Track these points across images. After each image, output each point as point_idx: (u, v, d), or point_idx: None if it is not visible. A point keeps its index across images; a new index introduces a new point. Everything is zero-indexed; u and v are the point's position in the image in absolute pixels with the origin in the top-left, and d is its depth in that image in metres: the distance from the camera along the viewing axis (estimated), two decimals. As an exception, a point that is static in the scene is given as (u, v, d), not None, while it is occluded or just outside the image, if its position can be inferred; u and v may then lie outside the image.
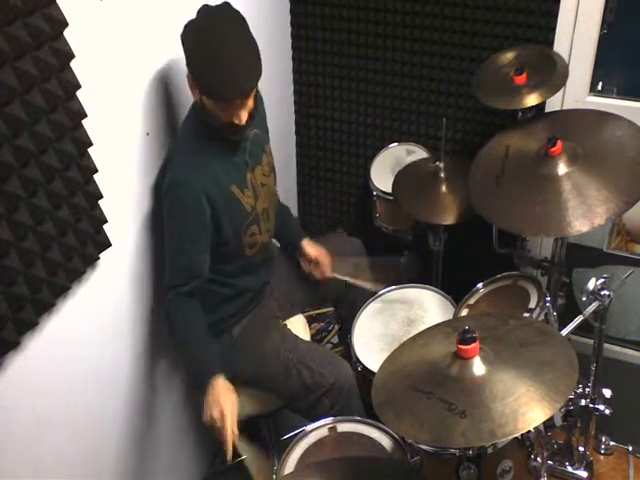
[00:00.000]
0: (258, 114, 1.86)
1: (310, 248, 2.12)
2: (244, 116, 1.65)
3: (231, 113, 1.64)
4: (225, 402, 1.66)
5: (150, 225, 1.85)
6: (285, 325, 2.08)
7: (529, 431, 1.37)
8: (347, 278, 2.15)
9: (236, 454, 1.66)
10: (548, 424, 1.69)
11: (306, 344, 2.02)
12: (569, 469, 1.97)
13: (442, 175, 2.17)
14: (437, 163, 2.18)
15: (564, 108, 2.22)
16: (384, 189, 2.35)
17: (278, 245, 2.19)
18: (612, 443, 2.09)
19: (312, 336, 2.32)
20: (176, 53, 1.75)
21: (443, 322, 1.61)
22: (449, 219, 2.11)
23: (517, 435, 1.22)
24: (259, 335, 1.95)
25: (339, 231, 2.91)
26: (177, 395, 2.14)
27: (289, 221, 2.20)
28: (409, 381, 1.35)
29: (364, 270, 2.24)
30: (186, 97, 1.89)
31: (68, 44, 1.38)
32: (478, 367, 1.27)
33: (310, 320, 2.40)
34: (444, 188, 2.17)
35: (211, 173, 1.71)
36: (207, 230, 1.73)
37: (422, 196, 2.18)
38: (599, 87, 2.21)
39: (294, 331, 2.05)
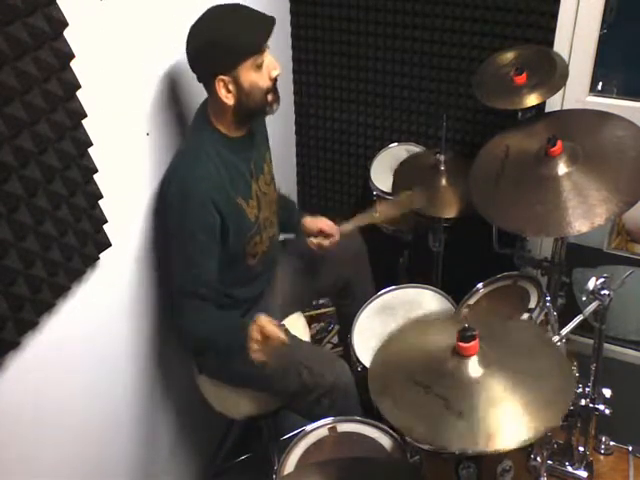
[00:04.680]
0: (257, 122, 1.86)
1: (311, 223, 2.11)
2: (277, 64, 1.72)
3: (268, 67, 1.69)
4: (256, 326, 1.68)
5: (150, 225, 1.85)
6: (283, 325, 2.07)
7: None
8: (355, 223, 2.11)
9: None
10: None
11: (305, 344, 2.02)
12: (569, 469, 1.97)
13: (442, 168, 2.17)
14: (437, 156, 2.18)
15: (564, 108, 2.22)
16: (384, 189, 2.35)
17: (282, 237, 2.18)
18: (612, 443, 2.08)
19: (312, 336, 2.32)
20: (176, 53, 1.76)
21: (441, 312, 1.60)
22: (449, 213, 2.11)
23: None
24: None
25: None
26: (178, 394, 2.14)
27: (286, 205, 2.20)
28: (407, 371, 1.34)
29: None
30: (186, 97, 1.90)
31: (68, 44, 1.38)
32: (475, 366, 1.27)
33: (310, 320, 2.41)
34: (444, 181, 2.17)
35: (220, 184, 1.71)
36: (216, 238, 1.74)
37: (422, 190, 2.17)
38: (599, 87, 2.21)
39: (294, 331, 2.05)
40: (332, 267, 2.18)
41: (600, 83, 2.20)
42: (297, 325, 2.16)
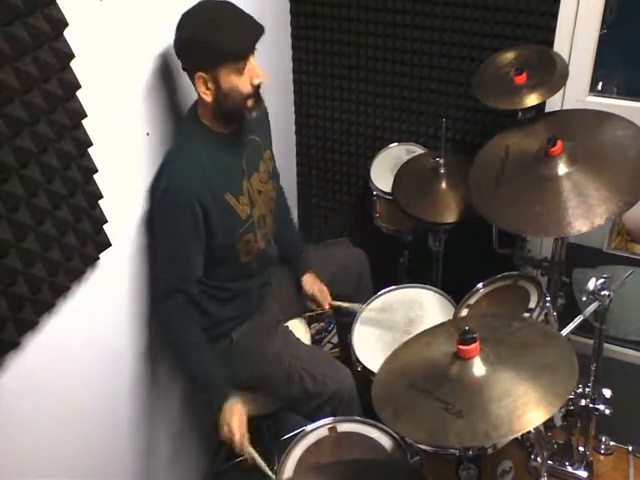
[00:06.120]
0: (256, 119, 1.86)
1: (310, 285, 2.12)
2: (262, 72, 1.69)
3: (251, 74, 1.67)
4: (232, 422, 1.77)
5: (150, 225, 1.85)
6: (287, 327, 2.07)
7: (529, 431, 1.37)
8: (345, 304, 2.14)
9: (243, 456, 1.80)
10: (548, 424, 1.69)
11: (308, 349, 2.01)
12: (569, 469, 1.97)
13: (442, 171, 2.17)
14: (437, 159, 2.18)
15: (564, 108, 2.22)
16: (384, 189, 2.35)
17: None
18: (612, 443, 2.09)
19: (312, 336, 2.32)
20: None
21: (446, 322, 1.61)
22: (449, 217, 2.10)
23: (514, 437, 1.22)
24: (260, 339, 1.95)
25: (343, 239, 2.90)
26: (178, 395, 2.14)
27: (293, 249, 2.19)
28: (409, 380, 1.35)
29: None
30: (186, 97, 1.90)
31: (68, 44, 1.38)
32: (478, 368, 1.27)
33: (310, 320, 2.41)
34: (444, 185, 2.17)
35: (206, 180, 1.71)
36: (200, 234, 1.74)
37: (422, 194, 2.18)
38: (599, 87, 2.21)
39: (295, 332, 2.05)
40: (334, 285, 2.16)
41: (600, 83, 2.20)
42: (297, 325, 2.15)
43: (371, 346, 1.98)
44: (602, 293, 1.59)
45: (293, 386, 1.87)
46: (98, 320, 1.69)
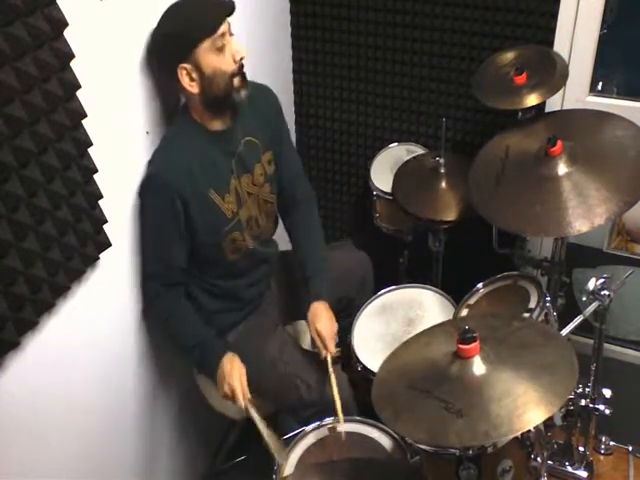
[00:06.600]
0: (258, 120, 1.85)
1: (313, 317, 1.91)
2: (242, 47, 1.69)
3: (231, 51, 1.67)
4: (232, 376, 1.75)
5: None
6: (285, 331, 2.05)
7: (529, 431, 1.37)
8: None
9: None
10: (548, 424, 1.69)
11: (306, 355, 1.97)
12: (569, 469, 1.97)
13: (442, 171, 2.17)
14: (437, 159, 2.18)
15: (564, 108, 2.22)
16: (384, 189, 2.35)
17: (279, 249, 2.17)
18: (612, 443, 2.09)
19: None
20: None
21: (446, 321, 1.61)
22: (449, 216, 2.10)
23: (514, 436, 1.23)
24: (257, 344, 1.93)
25: (345, 241, 2.89)
26: (178, 394, 2.14)
27: (306, 269, 2.00)
28: (408, 379, 1.35)
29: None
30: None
31: (68, 44, 1.38)
32: (477, 367, 1.28)
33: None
34: (444, 185, 2.17)
35: (188, 174, 1.71)
36: (179, 224, 1.75)
37: (422, 193, 2.18)
38: (599, 87, 2.21)
39: (295, 334, 2.04)
40: (337, 287, 2.10)
41: (600, 83, 2.20)
42: (298, 328, 2.15)
43: (371, 346, 1.98)
44: (602, 293, 1.59)
45: (288, 393, 1.86)
46: (98, 320, 1.69)
